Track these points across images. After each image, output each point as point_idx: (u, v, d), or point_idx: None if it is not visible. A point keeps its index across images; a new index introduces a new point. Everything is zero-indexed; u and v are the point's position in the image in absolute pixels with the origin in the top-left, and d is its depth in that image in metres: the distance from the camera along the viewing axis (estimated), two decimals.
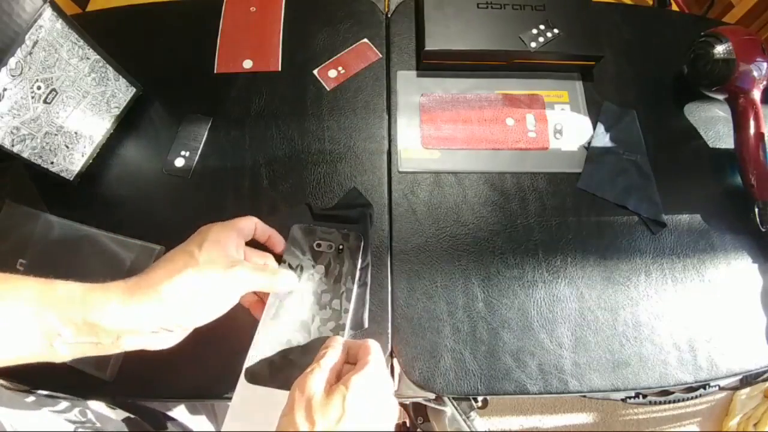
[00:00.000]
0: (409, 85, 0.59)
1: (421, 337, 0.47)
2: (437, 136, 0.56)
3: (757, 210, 0.52)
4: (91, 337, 0.31)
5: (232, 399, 0.38)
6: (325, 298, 0.42)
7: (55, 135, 0.48)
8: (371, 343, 0.36)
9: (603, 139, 0.57)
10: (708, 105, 0.60)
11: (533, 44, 0.56)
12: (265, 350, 0.39)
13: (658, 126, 0.58)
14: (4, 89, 0.41)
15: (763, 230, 0.52)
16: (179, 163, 0.54)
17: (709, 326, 0.49)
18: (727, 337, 0.49)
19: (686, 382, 0.47)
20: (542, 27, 0.57)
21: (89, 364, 0.43)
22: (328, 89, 0.58)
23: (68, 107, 0.48)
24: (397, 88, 0.58)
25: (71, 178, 0.52)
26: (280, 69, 0.59)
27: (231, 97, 0.57)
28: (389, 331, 0.47)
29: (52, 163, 0.49)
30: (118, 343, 0.32)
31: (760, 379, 0.60)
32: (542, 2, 0.58)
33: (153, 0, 0.65)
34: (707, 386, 0.52)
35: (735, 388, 0.80)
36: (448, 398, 0.55)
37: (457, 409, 0.55)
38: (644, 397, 0.57)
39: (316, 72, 0.59)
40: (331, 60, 0.59)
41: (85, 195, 0.53)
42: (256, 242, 0.42)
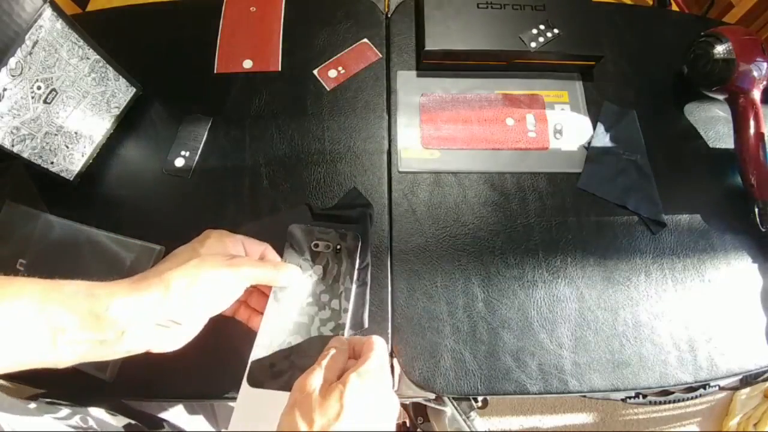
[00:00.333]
0: (409, 85, 0.59)
1: (421, 337, 0.47)
2: (437, 136, 0.56)
3: (757, 210, 0.53)
4: (96, 333, 0.31)
5: (236, 403, 0.38)
6: (324, 298, 0.42)
7: (55, 135, 0.48)
8: (374, 339, 0.36)
9: (603, 139, 0.57)
10: (708, 105, 0.60)
11: (533, 44, 0.56)
12: (265, 353, 0.39)
13: (658, 126, 0.58)
14: (4, 89, 0.41)
15: (763, 230, 0.52)
16: (179, 163, 0.54)
17: (709, 326, 0.49)
18: (727, 337, 0.49)
19: (686, 382, 0.47)
20: (542, 27, 0.57)
21: (90, 365, 0.43)
22: (328, 89, 0.58)
23: (68, 107, 0.48)
24: (397, 88, 0.58)
25: (71, 178, 0.52)
26: (280, 69, 0.59)
27: (231, 97, 0.57)
28: (389, 331, 0.47)
29: (52, 163, 0.49)
30: (123, 339, 0.32)
31: (760, 379, 0.60)
32: (542, 2, 0.58)
33: (153, 0, 0.65)
34: (707, 386, 0.52)
35: (735, 388, 0.80)
36: (448, 398, 0.55)
37: (457, 409, 0.55)
38: (644, 397, 0.57)
39: (316, 72, 0.59)
40: (331, 60, 0.59)
41: (85, 195, 0.53)
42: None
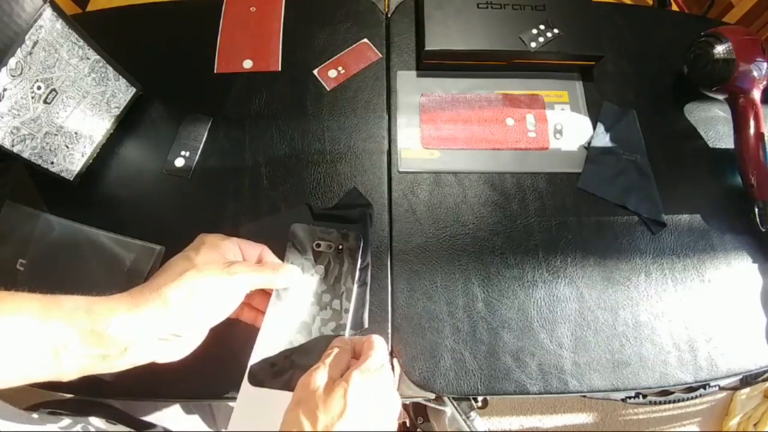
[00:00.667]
0: (409, 85, 0.59)
1: (421, 337, 0.47)
2: (437, 136, 0.56)
3: (757, 210, 0.53)
4: (98, 349, 0.31)
5: (236, 402, 0.38)
6: (326, 298, 0.42)
7: (55, 135, 0.48)
8: (375, 338, 0.36)
9: (603, 139, 0.57)
10: (708, 105, 0.60)
11: (533, 44, 0.56)
12: (267, 352, 0.39)
13: (658, 126, 0.58)
14: (4, 89, 0.41)
15: (763, 230, 0.52)
16: (179, 163, 0.54)
17: (709, 326, 0.49)
18: (727, 337, 0.49)
19: (686, 382, 0.47)
20: (542, 27, 0.57)
21: None
22: (328, 89, 0.58)
23: (68, 107, 0.48)
24: (397, 88, 0.58)
25: (71, 178, 0.52)
26: (280, 69, 0.59)
27: (231, 97, 0.57)
28: (389, 331, 0.47)
29: (52, 163, 0.49)
30: (126, 355, 0.32)
31: (760, 379, 0.60)
32: (542, 2, 0.58)
33: (153, 0, 0.65)
34: (707, 386, 0.52)
35: (735, 388, 0.80)
36: (448, 398, 0.55)
37: (457, 409, 0.55)
38: (644, 397, 0.57)
39: (316, 72, 0.59)
40: (331, 60, 0.59)
41: (85, 195, 0.52)
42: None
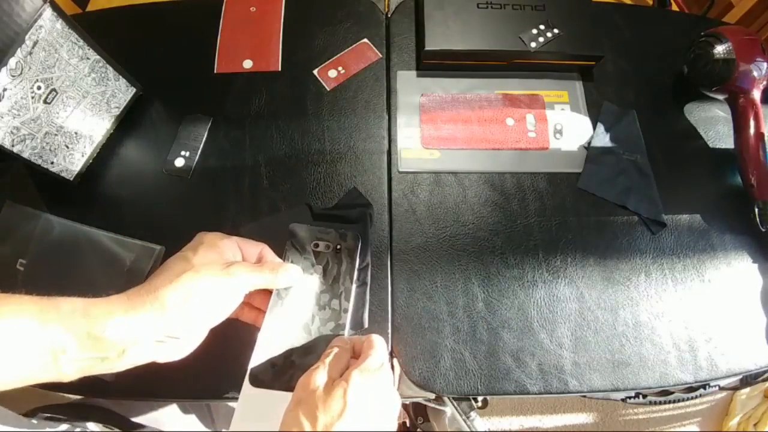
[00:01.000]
0: (409, 85, 0.59)
1: (421, 337, 0.47)
2: (437, 136, 0.56)
3: (757, 210, 0.52)
4: (96, 352, 0.31)
5: (237, 403, 0.38)
6: (324, 298, 0.42)
7: (55, 135, 0.48)
8: (374, 338, 0.36)
9: (603, 139, 0.57)
10: (708, 105, 0.60)
11: (533, 44, 0.56)
12: (267, 353, 0.39)
13: (658, 126, 0.58)
14: (4, 89, 0.41)
15: (763, 230, 0.52)
16: (179, 163, 0.54)
17: (709, 326, 0.49)
18: (727, 337, 0.49)
19: (686, 382, 0.47)
20: (542, 27, 0.57)
21: None
22: (328, 89, 0.58)
23: (68, 107, 0.48)
24: (397, 88, 0.58)
25: (71, 178, 0.52)
26: (280, 69, 0.59)
27: (231, 97, 0.57)
28: (389, 331, 0.47)
29: (52, 163, 0.49)
30: (124, 357, 0.32)
31: (760, 379, 0.60)
32: (542, 2, 0.58)
33: (153, 0, 0.65)
34: (707, 386, 0.52)
35: (735, 388, 0.80)
36: (448, 398, 0.55)
37: (457, 409, 0.55)
38: (644, 397, 0.57)
39: (316, 72, 0.59)
40: (331, 60, 0.59)
41: (85, 195, 0.52)
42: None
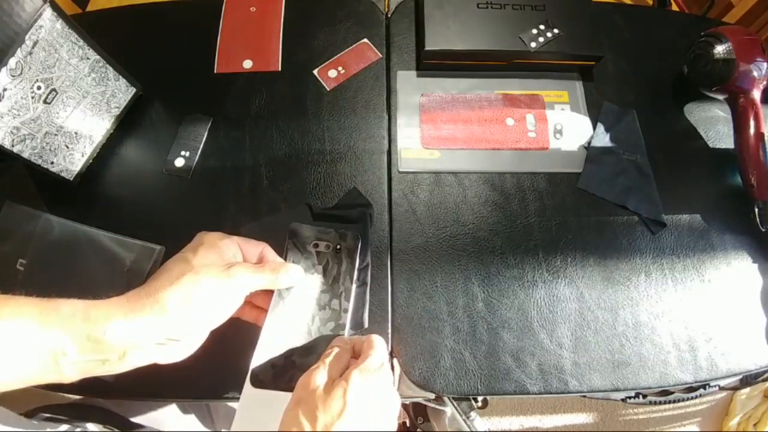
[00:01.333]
0: (409, 85, 0.59)
1: (421, 337, 0.47)
2: (437, 136, 0.56)
3: (757, 210, 0.52)
4: (96, 355, 0.31)
5: (239, 404, 0.38)
6: (324, 298, 0.42)
7: (55, 135, 0.48)
8: (374, 338, 0.36)
9: (603, 139, 0.57)
10: (708, 105, 0.60)
11: (533, 44, 0.56)
12: (267, 353, 0.39)
13: (658, 126, 0.58)
14: (4, 89, 0.41)
15: (763, 230, 0.52)
16: (179, 163, 0.54)
17: (709, 326, 0.49)
18: (727, 337, 0.49)
19: (686, 382, 0.47)
20: (542, 27, 0.57)
21: None
22: (328, 89, 0.58)
23: (68, 107, 0.48)
24: (397, 88, 0.58)
25: (71, 178, 0.52)
26: (280, 69, 0.59)
27: (231, 97, 0.57)
28: (389, 331, 0.47)
29: (52, 163, 0.49)
30: (125, 360, 0.32)
31: (760, 379, 0.60)
32: (542, 2, 0.58)
33: (153, 0, 0.65)
34: (707, 386, 0.52)
35: (735, 388, 0.80)
36: (448, 398, 0.55)
37: (457, 409, 0.55)
38: (644, 397, 0.57)
39: (316, 72, 0.59)
40: (331, 60, 0.59)
41: (85, 195, 0.52)
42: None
